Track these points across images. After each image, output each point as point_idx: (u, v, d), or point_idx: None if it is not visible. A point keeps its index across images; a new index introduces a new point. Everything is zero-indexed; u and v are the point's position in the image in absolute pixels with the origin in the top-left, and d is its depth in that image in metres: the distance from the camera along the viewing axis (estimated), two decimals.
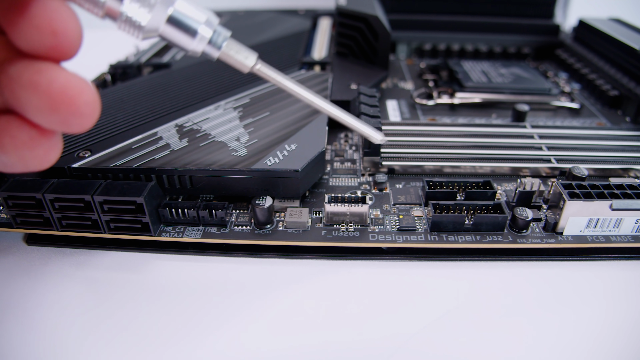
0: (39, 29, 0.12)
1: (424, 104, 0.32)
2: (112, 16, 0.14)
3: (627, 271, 0.21)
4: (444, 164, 0.25)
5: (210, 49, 0.16)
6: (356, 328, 0.18)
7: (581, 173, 0.24)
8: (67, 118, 0.13)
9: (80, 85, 0.13)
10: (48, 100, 0.13)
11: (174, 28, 0.15)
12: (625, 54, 0.33)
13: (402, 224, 0.21)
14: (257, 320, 0.18)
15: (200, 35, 0.15)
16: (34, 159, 0.14)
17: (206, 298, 0.19)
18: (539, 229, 0.21)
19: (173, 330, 0.18)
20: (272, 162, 0.22)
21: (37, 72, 0.13)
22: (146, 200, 0.20)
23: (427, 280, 0.20)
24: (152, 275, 0.20)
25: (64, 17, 0.13)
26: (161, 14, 0.14)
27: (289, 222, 0.21)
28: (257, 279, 0.20)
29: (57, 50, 0.13)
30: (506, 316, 0.18)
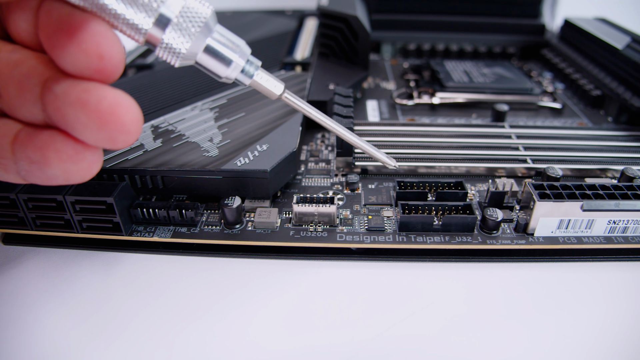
0: (87, 52, 0.13)
1: (403, 104, 0.32)
2: (153, 43, 0.14)
3: (599, 273, 0.20)
4: (418, 164, 0.25)
5: (242, 77, 0.17)
6: (320, 329, 0.18)
7: (555, 173, 0.23)
8: (114, 135, 0.14)
9: (128, 103, 0.14)
10: (97, 118, 0.13)
11: (210, 57, 0.15)
12: (608, 54, 0.33)
13: (371, 225, 0.21)
14: (223, 320, 0.18)
15: (234, 64, 0.16)
16: (78, 172, 0.15)
17: (175, 298, 0.19)
18: (510, 230, 0.21)
19: (140, 330, 0.18)
20: (242, 162, 0.22)
21: (85, 91, 0.13)
22: (116, 200, 0.20)
23: (395, 281, 0.20)
24: (123, 275, 0.20)
25: (110, 42, 0.13)
26: (200, 43, 0.15)
27: (258, 222, 0.21)
28: (225, 279, 0.20)
29: (102, 72, 0.13)
30: (474, 317, 0.18)
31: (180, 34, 0.14)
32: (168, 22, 0.14)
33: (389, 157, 0.21)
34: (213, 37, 0.15)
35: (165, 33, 0.14)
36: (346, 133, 0.20)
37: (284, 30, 0.41)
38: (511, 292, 0.19)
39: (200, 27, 0.15)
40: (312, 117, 0.19)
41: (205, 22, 0.15)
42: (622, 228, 0.21)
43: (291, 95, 0.18)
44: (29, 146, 0.14)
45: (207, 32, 0.15)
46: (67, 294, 0.19)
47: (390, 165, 0.21)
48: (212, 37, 0.15)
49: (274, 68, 0.33)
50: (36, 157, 0.14)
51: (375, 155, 0.20)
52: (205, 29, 0.15)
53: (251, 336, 0.17)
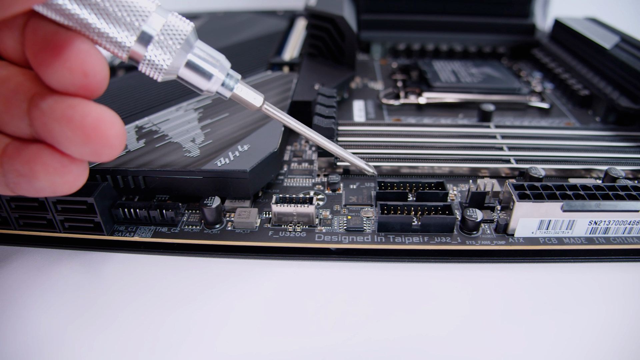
0: (71, 70, 0.13)
1: (390, 104, 0.32)
2: (136, 59, 0.15)
3: (580, 274, 0.20)
4: (401, 165, 0.25)
5: (223, 90, 0.17)
6: (298, 329, 0.18)
7: (538, 174, 0.23)
8: (99, 149, 0.14)
9: (111, 119, 0.14)
10: (81, 133, 0.14)
11: (191, 71, 0.16)
12: (597, 54, 0.32)
13: (350, 225, 0.21)
14: (201, 320, 0.18)
15: (215, 77, 0.16)
16: (64, 184, 0.15)
17: (154, 298, 0.19)
18: (491, 231, 0.21)
19: (121, 329, 0.18)
20: (222, 162, 0.22)
21: (71, 107, 0.14)
22: (97, 200, 0.21)
23: (374, 282, 0.20)
24: (104, 274, 0.20)
25: (94, 59, 0.14)
26: (181, 58, 0.16)
27: (237, 222, 0.21)
28: (204, 279, 0.20)
29: (86, 89, 0.14)
30: (452, 318, 0.18)
31: (162, 51, 0.15)
32: (150, 39, 0.15)
33: (367, 164, 0.21)
34: (194, 52, 0.16)
35: (147, 50, 0.15)
36: (326, 142, 0.20)
37: (274, 30, 0.42)
38: (492, 294, 0.19)
39: (181, 44, 0.15)
40: (292, 128, 0.20)
41: (186, 38, 0.15)
42: (603, 229, 0.21)
43: (270, 107, 0.19)
44: (17, 160, 0.15)
45: (188, 48, 0.16)
46: (49, 293, 0.19)
47: (369, 172, 0.21)
48: (192, 52, 0.16)
49: (261, 68, 0.33)
50: (24, 170, 0.14)
51: (354, 163, 0.21)
52: (186, 45, 0.15)
53: (228, 336, 0.17)
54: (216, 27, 0.43)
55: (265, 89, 0.30)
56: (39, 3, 0.13)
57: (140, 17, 0.14)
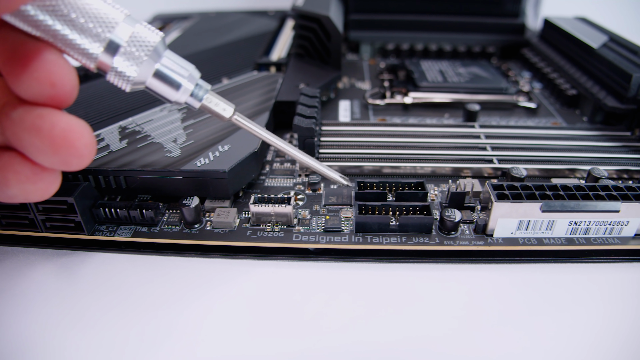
0: (39, 80, 0.14)
1: (376, 104, 0.32)
2: (103, 70, 0.15)
3: (560, 274, 0.20)
4: (382, 165, 0.25)
5: (191, 101, 0.17)
6: (275, 328, 0.18)
7: (519, 174, 0.23)
8: (68, 159, 0.14)
9: (80, 129, 0.15)
10: (50, 143, 0.14)
11: (159, 81, 0.16)
12: (584, 53, 0.32)
13: (328, 225, 0.21)
14: (179, 319, 0.18)
15: (183, 88, 0.16)
16: (36, 192, 0.15)
17: (133, 298, 0.19)
18: (470, 231, 0.21)
19: (100, 328, 0.18)
20: (201, 162, 0.22)
21: (39, 117, 0.14)
22: (77, 200, 0.21)
23: (351, 282, 0.20)
24: (84, 273, 0.20)
25: (62, 69, 0.14)
26: (149, 68, 0.16)
27: (216, 222, 0.21)
28: (183, 278, 0.20)
29: (55, 99, 0.14)
30: (432, 318, 0.18)
31: (129, 60, 0.15)
32: (117, 49, 0.15)
33: (342, 177, 0.21)
34: (162, 62, 0.16)
35: (114, 60, 0.15)
36: (299, 154, 0.20)
37: (264, 30, 0.42)
38: (471, 294, 0.19)
39: (149, 53, 0.15)
40: (264, 139, 0.19)
41: (154, 48, 0.15)
42: (584, 229, 0.21)
43: (241, 118, 0.19)
44: None
45: (156, 58, 0.16)
46: (29, 293, 0.19)
47: (343, 184, 0.21)
48: (161, 62, 0.16)
49: (248, 69, 0.33)
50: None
51: (329, 176, 0.20)
52: (154, 55, 0.16)
53: (206, 335, 0.17)
54: (207, 28, 0.43)
55: (250, 89, 0.30)
56: (7, 12, 0.13)
57: (108, 27, 0.14)
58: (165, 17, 0.49)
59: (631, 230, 0.21)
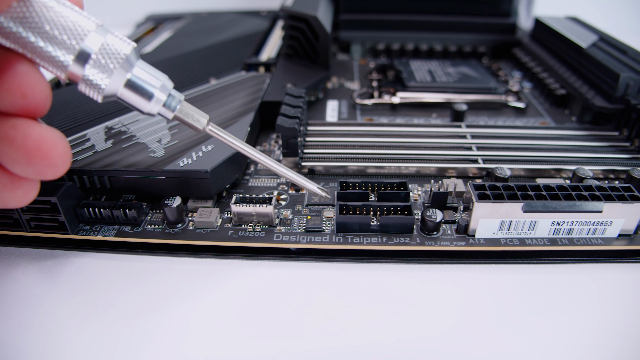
0: (9, 92, 0.14)
1: (363, 104, 0.32)
2: (74, 80, 0.15)
3: (543, 275, 0.20)
4: (367, 165, 0.24)
5: (164, 111, 0.17)
6: (255, 328, 0.18)
7: (503, 174, 0.23)
8: (42, 169, 0.14)
9: (53, 139, 0.14)
10: (24, 154, 0.14)
11: (131, 92, 0.16)
12: (574, 53, 0.32)
13: (309, 225, 0.21)
14: (160, 319, 0.18)
15: (155, 98, 0.16)
16: (14, 199, 0.15)
17: (114, 297, 0.19)
18: (451, 231, 0.21)
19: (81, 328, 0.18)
20: (184, 163, 0.22)
21: (12, 128, 0.14)
22: (60, 200, 0.21)
23: (332, 281, 0.20)
24: (68, 273, 0.21)
25: (33, 80, 0.14)
26: (120, 78, 0.16)
27: (198, 222, 0.21)
28: (164, 278, 0.20)
29: (27, 110, 0.14)
30: (413, 318, 0.18)
31: (100, 70, 0.15)
32: (88, 58, 0.15)
33: (320, 188, 0.20)
34: (133, 72, 0.16)
35: (85, 69, 0.15)
36: (275, 165, 0.19)
37: (255, 30, 0.42)
38: (452, 294, 0.19)
39: (120, 63, 0.15)
40: (240, 151, 0.19)
41: (125, 58, 0.15)
42: (566, 229, 0.21)
43: (215, 128, 0.19)
44: None
45: (128, 67, 0.16)
46: (12, 292, 0.20)
47: (321, 195, 0.20)
48: (132, 72, 0.16)
49: (236, 69, 0.33)
50: None
51: (306, 187, 0.20)
52: (126, 65, 0.15)
53: (189, 334, 0.17)
54: (198, 28, 0.43)
55: (236, 90, 0.30)
56: None
57: (78, 37, 0.14)
58: (158, 18, 0.49)
59: (614, 231, 0.21)
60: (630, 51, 0.30)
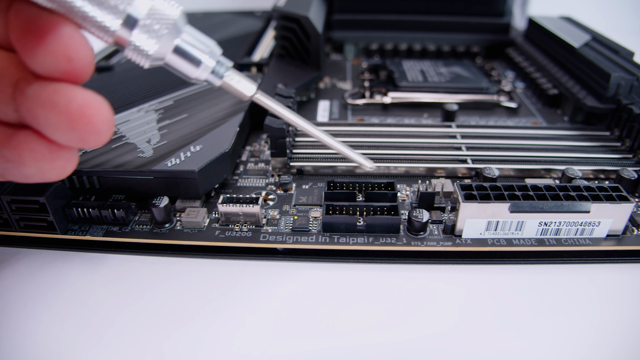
0: (54, 54, 0.13)
1: (355, 104, 0.32)
2: (121, 44, 0.15)
3: (531, 275, 0.20)
4: (356, 164, 0.24)
5: (212, 78, 0.17)
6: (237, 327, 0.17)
7: (492, 174, 0.23)
8: (85, 135, 0.14)
9: (98, 104, 0.14)
10: (67, 119, 0.14)
11: (179, 57, 0.15)
12: (566, 52, 0.32)
13: (295, 225, 0.21)
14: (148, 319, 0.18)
15: (204, 65, 0.16)
16: (53, 170, 0.15)
17: (102, 297, 0.19)
18: (438, 232, 0.21)
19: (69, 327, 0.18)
20: (172, 163, 0.22)
21: (55, 92, 0.13)
22: (49, 200, 0.21)
23: (318, 282, 0.20)
24: (55, 272, 0.21)
25: (78, 44, 0.13)
26: (168, 44, 0.15)
27: (185, 222, 0.21)
28: (150, 278, 0.20)
29: (71, 74, 0.14)
30: (400, 319, 0.18)
31: (148, 35, 0.14)
32: (135, 23, 0.14)
33: (365, 159, 0.20)
34: (182, 37, 0.15)
35: (132, 34, 0.14)
36: (319, 133, 0.19)
37: (249, 31, 0.42)
38: (440, 295, 0.19)
39: (169, 28, 0.15)
40: (285, 118, 0.19)
41: (174, 23, 0.15)
42: (554, 230, 0.21)
43: (263, 96, 0.18)
44: (4, 146, 0.14)
45: (176, 33, 0.15)
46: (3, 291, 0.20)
47: (366, 166, 0.20)
48: (181, 37, 0.15)
49: None
50: (12, 156, 0.14)
51: (350, 156, 0.20)
52: (174, 30, 0.15)
53: (175, 334, 0.17)
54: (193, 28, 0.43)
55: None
56: None
57: (126, 0, 0.14)
58: None
59: (603, 232, 0.21)
60: (622, 51, 0.30)
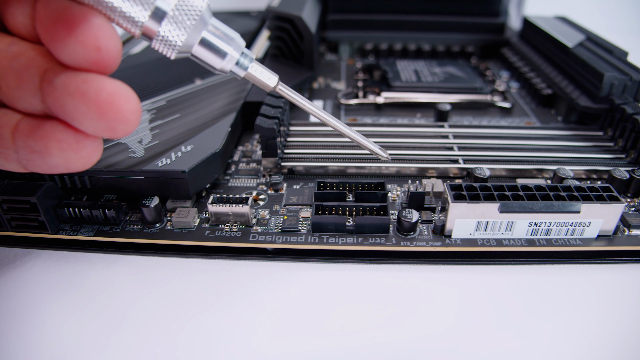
0: (84, 44, 0.13)
1: (348, 104, 0.32)
2: (149, 36, 0.15)
3: (521, 275, 0.20)
4: (348, 165, 0.24)
5: (237, 69, 0.17)
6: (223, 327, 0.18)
7: (482, 174, 0.23)
8: (114, 124, 0.14)
9: (126, 93, 0.14)
10: (96, 108, 0.14)
11: (205, 49, 0.16)
12: (560, 52, 0.32)
13: (285, 225, 0.21)
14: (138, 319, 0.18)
15: (229, 56, 0.16)
16: (78, 160, 0.15)
17: (92, 296, 0.19)
18: (428, 232, 0.21)
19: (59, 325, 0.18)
20: (163, 163, 0.22)
21: (84, 82, 0.14)
22: (40, 199, 0.21)
23: (306, 281, 0.20)
24: (44, 271, 0.21)
25: (107, 34, 0.14)
26: (195, 36, 0.15)
27: (176, 222, 0.21)
28: (142, 277, 0.20)
29: (99, 64, 0.14)
30: (389, 319, 0.18)
31: (176, 27, 0.15)
32: (164, 15, 0.14)
33: (380, 149, 0.21)
34: (208, 29, 0.16)
35: (161, 26, 0.14)
36: (337, 124, 0.20)
37: (244, 31, 0.42)
38: (430, 295, 0.19)
39: (196, 20, 0.15)
40: (305, 109, 0.19)
41: (201, 15, 0.15)
42: (544, 230, 0.21)
43: (285, 88, 0.19)
44: (30, 136, 0.14)
45: (203, 25, 0.15)
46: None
47: (382, 156, 0.21)
48: (207, 29, 0.15)
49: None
50: (37, 146, 0.14)
51: (366, 146, 0.21)
52: (201, 22, 0.15)
53: (164, 334, 0.17)
54: None
55: (221, 90, 0.30)
56: None
57: None
58: None
59: (593, 232, 0.21)
60: (616, 51, 0.30)
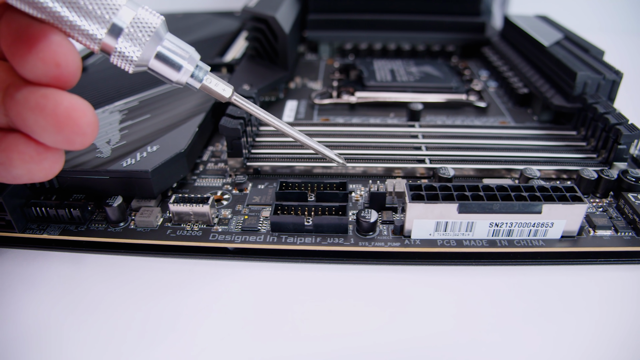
0: (44, 61, 0.14)
1: (322, 104, 0.32)
2: (107, 51, 0.16)
3: (481, 277, 0.20)
4: (314, 165, 0.24)
5: (192, 82, 0.18)
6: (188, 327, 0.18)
7: (447, 174, 0.23)
8: (71, 137, 0.15)
9: (83, 107, 0.15)
10: (54, 122, 0.14)
11: (161, 63, 0.17)
12: (537, 51, 0.32)
13: (245, 225, 0.21)
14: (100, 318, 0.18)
15: (184, 69, 0.17)
16: (40, 171, 0.16)
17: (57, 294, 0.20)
18: (388, 232, 0.21)
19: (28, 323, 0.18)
20: (127, 163, 0.22)
21: (44, 96, 0.14)
22: (6, 199, 0.21)
23: (265, 281, 0.20)
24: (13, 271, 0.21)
25: (66, 50, 0.14)
26: (151, 50, 0.16)
27: (139, 221, 0.21)
28: (105, 277, 0.20)
29: (59, 79, 0.14)
30: (348, 319, 0.18)
31: (132, 43, 0.16)
32: (120, 32, 0.15)
33: (337, 155, 0.22)
34: (163, 44, 0.16)
35: (118, 42, 0.15)
36: (293, 132, 0.21)
37: (225, 31, 0.42)
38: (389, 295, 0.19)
39: (151, 36, 0.16)
40: (262, 119, 0.20)
41: (156, 31, 0.16)
42: (506, 231, 0.20)
43: (240, 98, 0.20)
44: None
45: (158, 40, 0.16)
46: None
47: (338, 162, 0.22)
48: (162, 45, 0.16)
49: None
50: (1, 158, 0.15)
51: (323, 153, 0.22)
52: (156, 37, 0.16)
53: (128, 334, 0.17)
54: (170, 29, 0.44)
55: (192, 91, 0.29)
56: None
57: (111, 10, 0.15)
58: None
59: (557, 233, 0.21)
60: (592, 50, 0.30)
